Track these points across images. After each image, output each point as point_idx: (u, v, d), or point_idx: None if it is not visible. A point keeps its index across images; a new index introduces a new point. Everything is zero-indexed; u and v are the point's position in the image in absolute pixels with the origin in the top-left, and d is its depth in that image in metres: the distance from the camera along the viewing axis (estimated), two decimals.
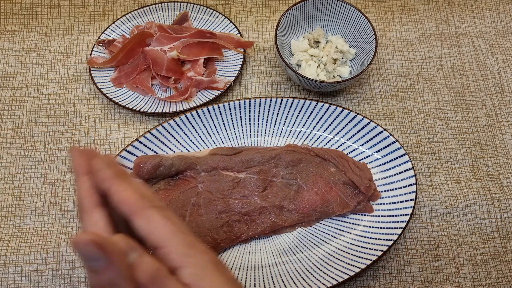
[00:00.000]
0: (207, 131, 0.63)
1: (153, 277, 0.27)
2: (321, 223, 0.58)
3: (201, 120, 0.62)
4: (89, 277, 0.27)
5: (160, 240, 0.28)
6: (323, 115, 0.62)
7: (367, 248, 0.54)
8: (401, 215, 0.56)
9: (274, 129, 0.64)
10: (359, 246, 0.55)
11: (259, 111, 0.63)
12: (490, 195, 0.61)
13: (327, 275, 0.53)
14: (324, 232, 0.57)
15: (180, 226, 0.30)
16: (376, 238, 0.55)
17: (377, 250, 0.54)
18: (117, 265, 0.26)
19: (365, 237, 0.56)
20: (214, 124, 0.63)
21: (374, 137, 0.61)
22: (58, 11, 0.74)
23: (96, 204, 0.30)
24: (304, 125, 0.63)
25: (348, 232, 0.57)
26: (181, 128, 0.62)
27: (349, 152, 0.62)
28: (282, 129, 0.64)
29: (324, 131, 0.63)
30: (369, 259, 0.53)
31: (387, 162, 0.60)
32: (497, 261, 0.58)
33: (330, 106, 0.61)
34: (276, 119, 0.63)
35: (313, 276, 0.53)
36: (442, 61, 0.72)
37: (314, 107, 0.62)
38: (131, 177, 0.31)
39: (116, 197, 0.29)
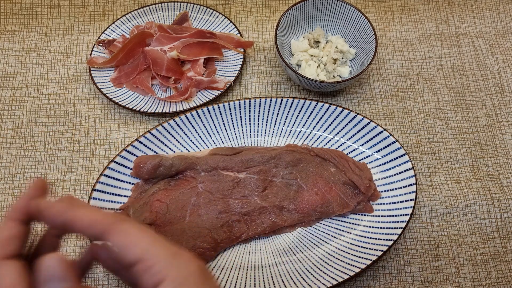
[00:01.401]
0: (207, 131, 0.63)
1: None
2: (321, 223, 0.58)
3: (201, 120, 0.62)
4: None
5: (141, 253, 0.27)
6: (323, 115, 0.62)
7: (367, 248, 0.54)
8: (401, 215, 0.56)
9: (274, 129, 0.64)
10: (359, 246, 0.55)
11: (259, 111, 0.63)
12: (490, 195, 0.61)
13: (327, 275, 0.53)
14: (324, 232, 0.57)
15: (158, 237, 0.28)
16: (376, 238, 0.55)
17: (377, 250, 0.54)
18: None
19: (365, 237, 0.56)
20: (214, 124, 0.63)
21: (374, 137, 0.61)
22: (58, 11, 0.74)
23: (8, 256, 0.28)
24: (304, 125, 0.63)
25: (348, 232, 0.57)
26: (181, 128, 0.62)
27: (349, 152, 0.62)
28: (282, 129, 0.64)
29: (324, 131, 0.63)
30: (369, 259, 0.53)
31: (387, 162, 0.60)
32: (497, 261, 0.58)
33: (330, 106, 0.61)
34: (276, 119, 0.63)
35: (313, 276, 0.53)
36: (442, 61, 0.72)
37: (314, 107, 0.62)
38: (86, 204, 0.29)
39: (81, 223, 0.28)
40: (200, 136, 0.62)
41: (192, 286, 0.27)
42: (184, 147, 0.62)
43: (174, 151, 0.61)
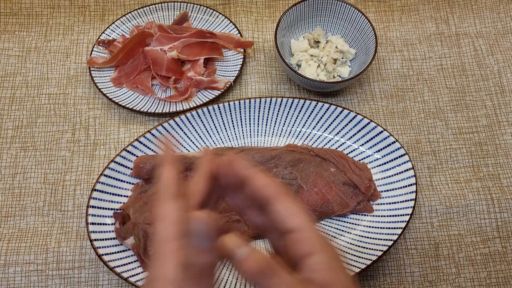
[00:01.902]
0: (207, 131, 0.63)
1: (262, 271, 0.27)
2: (321, 223, 0.58)
3: (201, 120, 0.62)
4: (184, 254, 0.27)
5: (299, 225, 0.29)
6: (323, 115, 0.62)
7: (367, 248, 0.54)
8: (401, 215, 0.56)
9: (274, 129, 0.64)
10: (359, 246, 0.55)
11: (259, 111, 0.63)
12: (490, 195, 0.61)
13: None
14: (324, 232, 0.57)
15: (311, 218, 0.31)
16: (376, 238, 0.55)
17: (377, 250, 0.53)
18: (215, 251, 0.28)
19: (365, 237, 0.56)
20: (214, 124, 0.63)
21: (374, 137, 0.61)
22: (58, 11, 0.74)
23: (174, 196, 0.30)
24: (304, 125, 0.63)
25: (348, 232, 0.57)
26: (181, 128, 0.62)
27: (349, 152, 0.62)
28: (282, 129, 0.64)
29: (324, 131, 0.63)
30: (369, 259, 0.53)
31: (387, 162, 0.60)
32: (497, 261, 0.58)
33: (330, 106, 0.61)
34: (276, 119, 0.63)
35: None
36: (442, 61, 0.72)
37: (314, 107, 0.62)
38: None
39: (258, 182, 0.31)
40: (200, 136, 0.62)
41: (337, 267, 0.29)
42: (184, 147, 0.62)
43: (174, 151, 0.61)
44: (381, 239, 0.55)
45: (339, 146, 0.63)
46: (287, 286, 0.27)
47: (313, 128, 0.63)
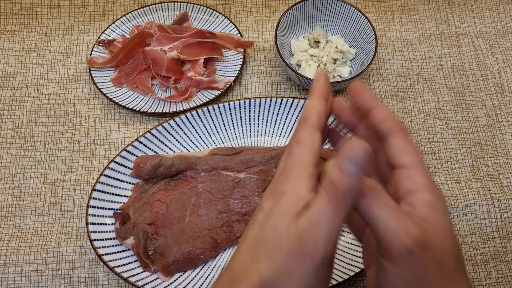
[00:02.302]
0: (207, 131, 0.63)
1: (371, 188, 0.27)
2: None
3: (201, 120, 0.62)
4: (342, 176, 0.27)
5: (410, 162, 0.29)
6: None
7: None
8: None
9: (274, 129, 0.64)
10: (359, 246, 0.55)
11: (259, 111, 0.63)
12: (490, 195, 0.61)
13: None
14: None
15: (423, 160, 0.31)
16: None
17: None
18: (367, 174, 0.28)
19: None
20: (214, 124, 0.63)
21: None
22: (58, 11, 0.74)
23: (320, 129, 0.30)
24: None
25: (348, 232, 0.57)
26: (181, 128, 0.62)
27: None
28: (282, 129, 0.64)
29: None
30: None
31: None
32: (497, 261, 0.58)
33: None
34: (276, 119, 0.63)
35: None
36: (442, 61, 0.72)
37: None
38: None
39: (379, 115, 0.31)
40: (200, 136, 0.62)
41: (439, 208, 0.29)
42: (184, 147, 0.62)
43: (174, 151, 0.61)
44: None
45: None
46: (392, 206, 0.27)
47: None
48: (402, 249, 0.26)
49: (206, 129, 0.63)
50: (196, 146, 0.62)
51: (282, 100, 0.62)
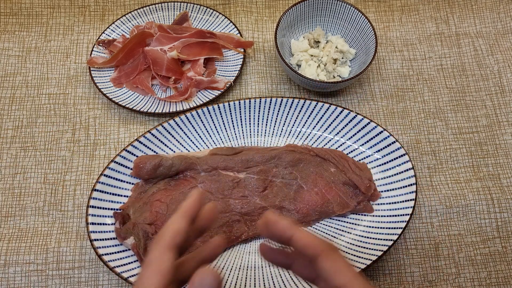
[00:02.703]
0: (207, 131, 0.63)
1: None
2: (321, 223, 0.58)
3: (201, 120, 0.62)
4: None
5: (346, 282, 0.31)
6: (323, 115, 0.62)
7: (367, 248, 0.54)
8: (401, 215, 0.56)
9: (274, 129, 0.64)
10: (359, 246, 0.55)
11: (259, 111, 0.63)
12: (490, 195, 0.61)
13: None
14: (324, 232, 0.57)
15: (358, 274, 0.32)
16: (376, 238, 0.55)
17: (377, 250, 0.53)
18: None
19: (365, 237, 0.56)
20: (214, 124, 0.63)
21: (374, 137, 0.61)
22: (58, 11, 0.74)
23: (174, 248, 0.32)
24: (304, 125, 0.63)
25: (348, 232, 0.57)
26: (181, 128, 0.62)
27: (349, 152, 0.62)
28: (282, 129, 0.64)
29: (324, 131, 0.63)
30: (369, 259, 0.53)
31: (387, 162, 0.60)
32: (497, 261, 0.58)
33: (330, 106, 0.61)
34: (276, 119, 0.63)
35: None
36: (442, 61, 0.72)
37: (314, 107, 0.62)
38: (298, 227, 0.35)
39: (301, 242, 0.33)
40: (200, 136, 0.62)
41: None
42: (184, 147, 0.62)
43: (174, 151, 0.61)
44: (381, 239, 0.55)
45: (339, 146, 0.63)
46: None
47: (313, 128, 0.63)
48: None
49: (206, 129, 0.63)
50: (196, 146, 0.62)
51: (282, 100, 0.62)
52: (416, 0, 0.77)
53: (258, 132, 0.64)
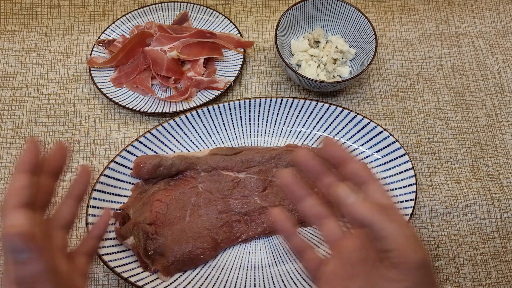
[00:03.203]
0: (207, 131, 0.63)
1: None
2: None
3: (201, 120, 0.62)
4: (12, 270, 0.28)
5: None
6: (323, 115, 0.62)
7: None
8: None
9: (274, 129, 0.64)
10: None
11: (259, 111, 0.63)
12: (490, 195, 0.61)
13: None
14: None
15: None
16: None
17: None
18: (42, 257, 0.28)
19: None
20: (214, 124, 0.63)
21: (374, 137, 0.61)
22: (58, 11, 0.74)
23: (22, 204, 0.30)
24: (304, 125, 0.63)
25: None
26: (181, 128, 0.62)
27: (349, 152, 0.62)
28: (282, 129, 0.64)
29: (324, 131, 0.63)
30: None
31: (387, 162, 0.60)
32: (497, 261, 0.58)
33: (330, 106, 0.61)
34: (276, 119, 0.63)
35: None
36: (442, 61, 0.72)
37: (314, 107, 0.62)
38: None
39: (356, 164, 0.35)
40: (200, 136, 0.62)
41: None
42: (184, 147, 0.62)
43: (174, 151, 0.61)
44: None
45: None
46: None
47: (313, 128, 0.63)
48: (418, 261, 0.29)
49: (206, 129, 0.63)
50: (196, 146, 0.62)
51: (282, 100, 0.62)
52: (416, 0, 0.77)
53: (258, 132, 0.64)
